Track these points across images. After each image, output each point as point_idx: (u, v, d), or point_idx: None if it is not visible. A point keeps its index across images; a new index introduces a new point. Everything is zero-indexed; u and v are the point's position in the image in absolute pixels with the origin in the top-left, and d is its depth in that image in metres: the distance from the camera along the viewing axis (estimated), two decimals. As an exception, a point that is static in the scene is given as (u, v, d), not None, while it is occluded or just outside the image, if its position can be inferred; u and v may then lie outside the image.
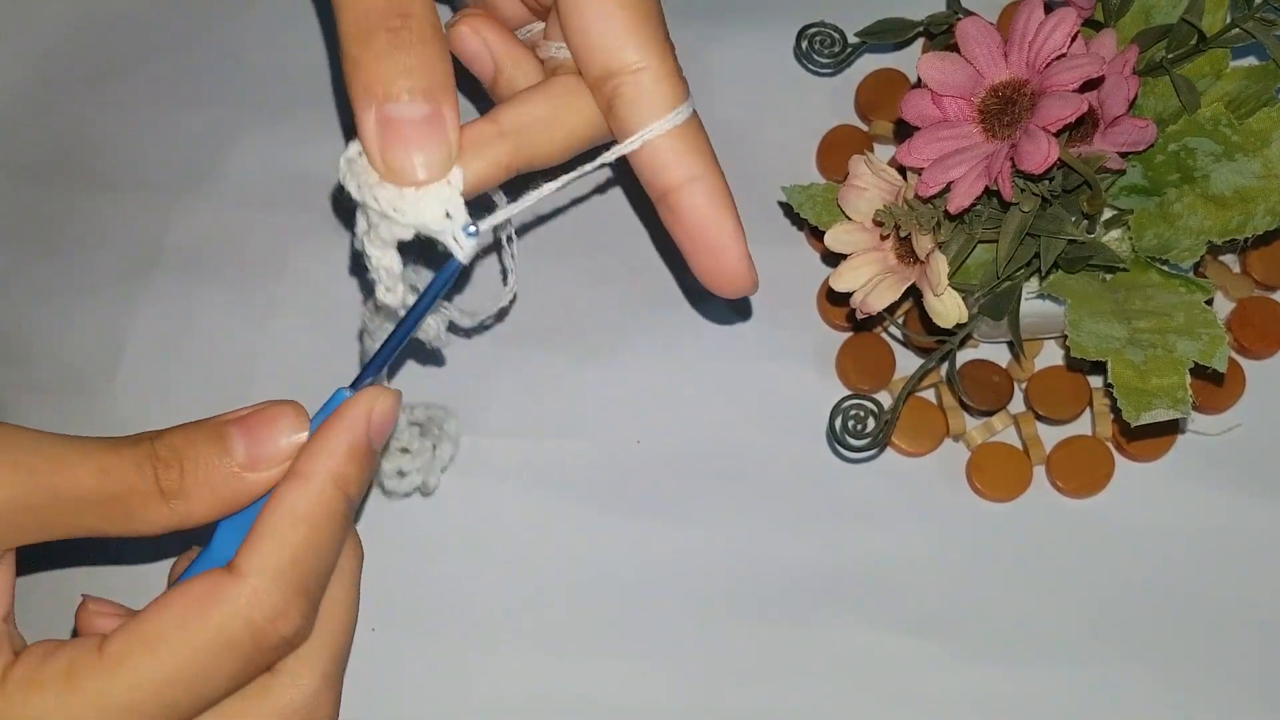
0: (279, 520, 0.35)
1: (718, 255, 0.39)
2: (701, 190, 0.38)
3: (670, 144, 0.38)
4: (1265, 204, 0.43)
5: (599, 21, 0.37)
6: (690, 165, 0.38)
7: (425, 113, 0.35)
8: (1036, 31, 0.41)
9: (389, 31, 0.34)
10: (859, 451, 0.47)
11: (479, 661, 0.48)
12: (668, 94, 0.38)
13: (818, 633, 0.47)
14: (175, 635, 0.34)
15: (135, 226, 0.54)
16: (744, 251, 0.39)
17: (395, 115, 0.35)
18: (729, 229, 0.39)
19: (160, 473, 0.35)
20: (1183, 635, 0.47)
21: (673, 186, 0.38)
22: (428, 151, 0.35)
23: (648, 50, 0.37)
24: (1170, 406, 0.41)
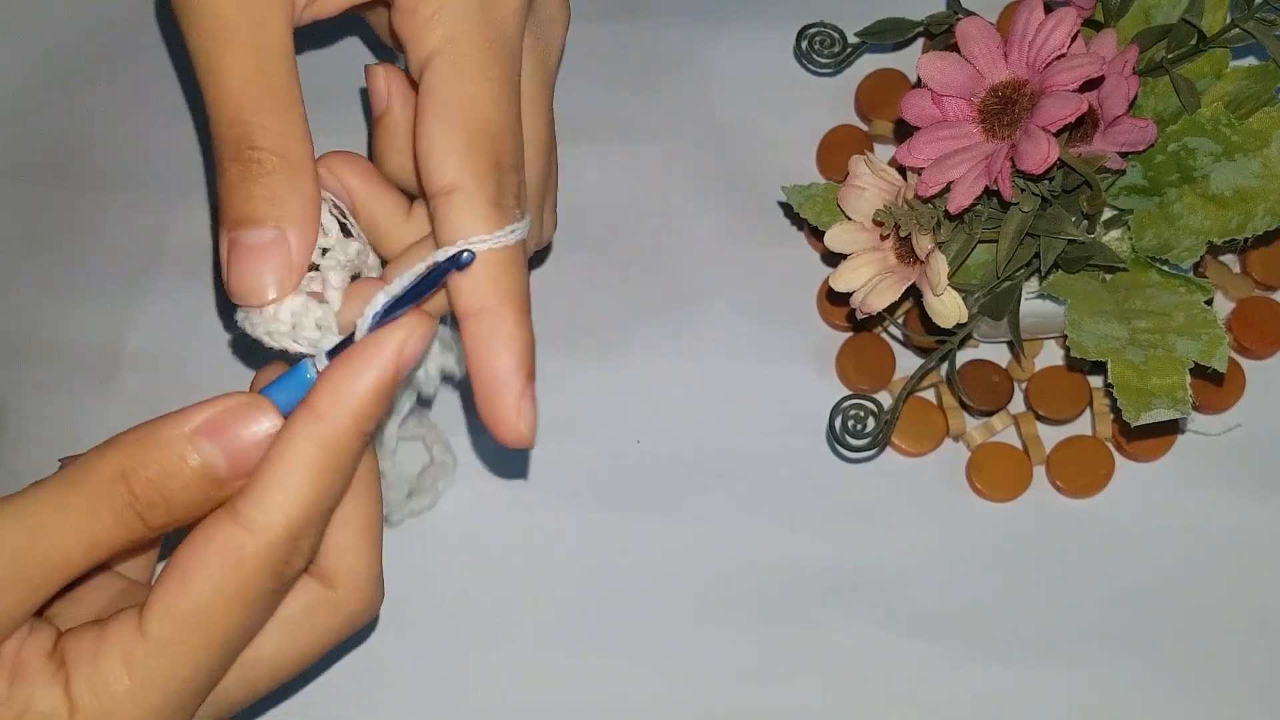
0: (290, 469, 0.34)
1: (489, 400, 0.37)
2: (483, 325, 0.37)
3: (470, 271, 0.37)
4: (1265, 204, 0.43)
5: (428, 138, 0.37)
6: (478, 296, 0.37)
7: (269, 239, 0.36)
8: (1036, 31, 0.41)
9: (238, 163, 0.36)
10: (859, 451, 0.47)
11: (479, 661, 0.48)
12: (470, 218, 0.36)
13: (818, 633, 0.47)
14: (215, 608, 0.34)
15: (135, 226, 0.54)
16: (515, 398, 0.37)
17: (240, 240, 0.36)
18: (501, 372, 0.37)
19: (147, 515, 0.35)
20: (1183, 635, 0.47)
21: (462, 313, 0.37)
22: (268, 273, 0.36)
23: (463, 173, 0.37)
24: (1170, 406, 0.41)
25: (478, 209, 0.37)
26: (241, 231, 0.36)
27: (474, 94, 0.37)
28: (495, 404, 0.37)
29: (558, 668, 0.47)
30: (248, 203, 0.36)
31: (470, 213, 0.37)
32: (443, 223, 0.37)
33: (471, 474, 0.50)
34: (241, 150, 0.36)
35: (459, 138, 0.37)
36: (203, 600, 0.34)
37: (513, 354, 0.37)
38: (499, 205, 0.37)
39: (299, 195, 0.36)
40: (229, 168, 0.36)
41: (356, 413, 0.34)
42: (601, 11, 0.55)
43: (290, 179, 0.36)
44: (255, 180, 0.36)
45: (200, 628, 0.34)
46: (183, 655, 0.34)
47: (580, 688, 0.47)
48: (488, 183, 0.37)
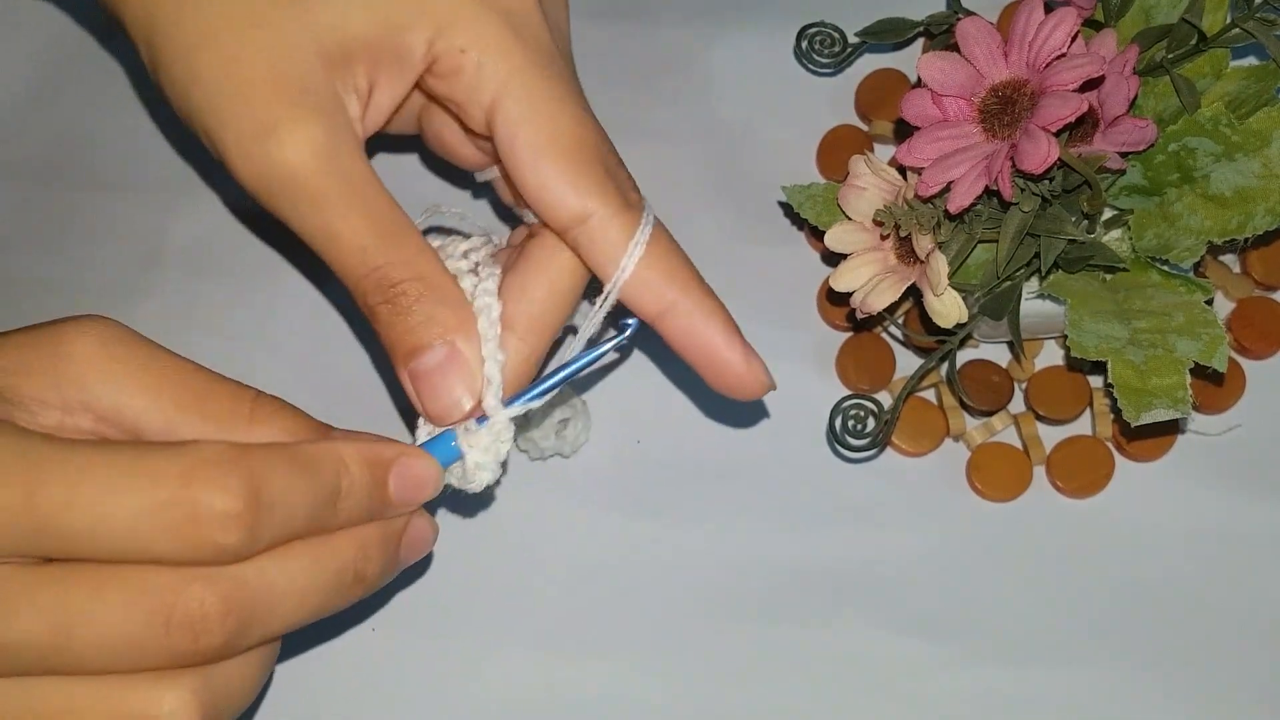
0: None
1: (718, 371, 0.39)
2: (680, 317, 0.39)
3: (638, 280, 0.38)
4: (1265, 204, 0.43)
5: (534, 181, 0.38)
6: (660, 296, 0.39)
7: (442, 356, 0.38)
8: (1037, 31, 0.41)
9: (387, 304, 0.38)
10: (859, 451, 0.47)
11: (479, 661, 0.48)
12: (616, 234, 0.38)
13: (817, 633, 0.47)
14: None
15: (135, 226, 0.54)
16: (742, 361, 0.39)
17: (419, 370, 0.38)
18: (720, 345, 0.39)
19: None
20: (1182, 635, 0.47)
21: (654, 315, 0.39)
22: (456, 388, 0.38)
23: (586, 195, 0.38)
24: (1170, 406, 0.41)
25: (619, 223, 0.38)
26: (417, 361, 0.38)
27: (554, 121, 0.38)
28: (729, 374, 0.39)
29: (558, 668, 0.47)
30: (411, 334, 0.38)
31: (615, 230, 0.38)
32: (593, 250, 0.38)
33: (471, 474, 0.50)
34: (384, 293, 0.38)
35: (564, 165, 0.37)
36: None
37: (718, 325, 0.39)
38: (629, 208, 0.38)
39: (449, 304, 0.38)
40: (380, 311, 0.38)
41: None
42: (601, 11, 0.55)
43: (436, 295, 0.38)
44: (408, 313, 0.38)
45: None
46: None
47: (580, 688, 0.47)
48: (611, 193, 0.38)
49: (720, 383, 0.39)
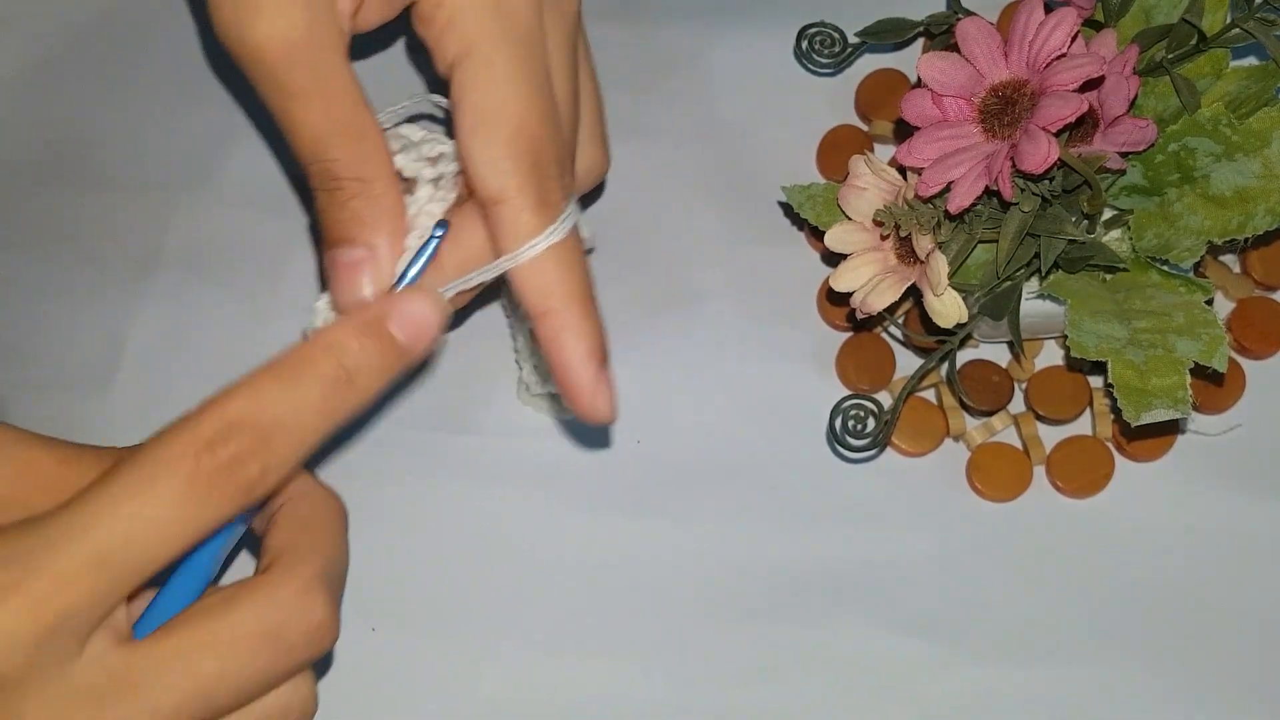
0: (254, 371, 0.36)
1: (566, 387, 0.40)
2: (552, 324, 0.39)
3: (526, 274, 0.39)
4: (1265, 204, 0.43)
5: (464, 148, 0.39)
6: (542, 298, 0.39)
7: (360, 255, 0.39)
8: (1037, 31, 0.41)
9: (325, 192, 0.39)
10: (859, 452, 0.47)
11: (478, 661, 0.48)
12: (520, 228, 0.38)
13: (817, 632, 0.47)
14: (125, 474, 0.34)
15: (135, 226, 0.54)
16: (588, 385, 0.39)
17: (337, 259, 0.39)
18: (575, 364, 0.39)
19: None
20: (1183, 635, 0.47)
21: (533, 315, 0.39)
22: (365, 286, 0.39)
23: (508, 181, 0.38)
24: (1170, 406, 0.41)
25: (524, 219, 0.38)
26: (337, 251, 0.39)
27: (500, 99, 0.38)
28: (575, 391, 0.40)
29: (558, 668, 0.47)
30: (338, 226, 0.39)
31: (519, 224, 0.38)
32: (496, 232, 0.39)
33: (471, 474, 0.50)
34: (325, 182, 0.39)
35: (494, 148, 0.38)
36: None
37: (582, 347, 0.39)
38: (543, 206, 0.39)
39: (380, 212, 0.39)
40: (318, 197, 0.39)
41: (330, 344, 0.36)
42: (601, 11, 0.55)
43: (369, 201, 0.39)
44: (341, 206, 0.39)
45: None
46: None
47: (580, 688, 0.47)
48: (529, 187, 0.38)
49: (568, 397, 0.40)
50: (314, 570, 0.36)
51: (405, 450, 0.50)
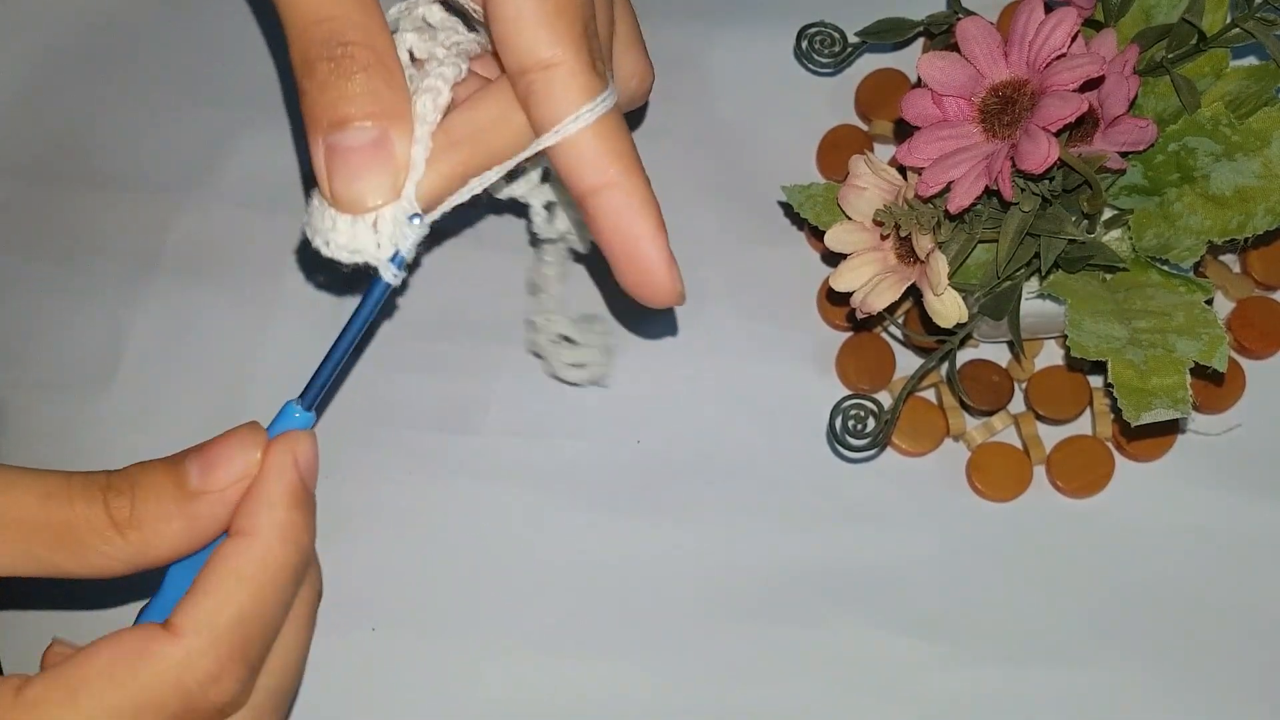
0: (222, 578, 0.34)
1: (635, 264, 0.37)
2: (615, 197, 0.36)
3: (582, 145, 0.36)
4: (1265, 204, 0.43)
5: (510, 13, 0.35)
6: (602, 170, 0.36)
7: (371, 138, 0.35)
8: (1037, 31, 0.41)
9: (329, 60, 0.34)
10: (859, 451, 0.47)
11: (478, 661, 0.48)
12: (576, 91, 0.35)
13: (817, 632, 0.47)
14: (98, 687, 0.33)
15: (135, 226, 0.54)
16: (662, 258, 0.37)
17: (340, 144, 0.35)
18: (645, 235, 0.36)
19: (110, 500, 0.34)
20: (1183, 635, 0.47)
21: (587, 191, 0.36)
22: (374, 177, 0.35)
23: (560, 45, 0.35)
24: (1170, 406, 0.41)
25: (582, 80, 0.35)
26: (342, 134, 0.35)
27: None
28: (647, 269, 0.37)
29: (557, 668, 0.47)
30: (346, 101, 0.34)
31: (577, 85, 0.35)
32: (548, 100, 0.35)
33: (471, 473, 0.50)
34: (333, 48, 0.34)
35: (543, 9, 0.35)
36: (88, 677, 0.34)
37: (651, 217, 0.37)
38: (597, 72, 0.36)
39: (395, 88, 0.35)
40: (320, 67, 0.34)
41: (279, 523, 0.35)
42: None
43: (385, 73, 0.35)
44: (350, 77, 0.34)
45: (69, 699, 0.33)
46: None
47: (580, 688, 0.47)
48: (584, 51, 0.35)
49: (634, 276, 0.37)
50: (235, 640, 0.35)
51: (405, 450, 0.50)
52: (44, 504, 0.34)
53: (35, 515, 0.34)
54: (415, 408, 0.51)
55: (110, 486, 0.35)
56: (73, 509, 0.34)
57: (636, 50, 0.41)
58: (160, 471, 0.35)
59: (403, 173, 0.35)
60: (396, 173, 0.35)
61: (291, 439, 0.36)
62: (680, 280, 0.37)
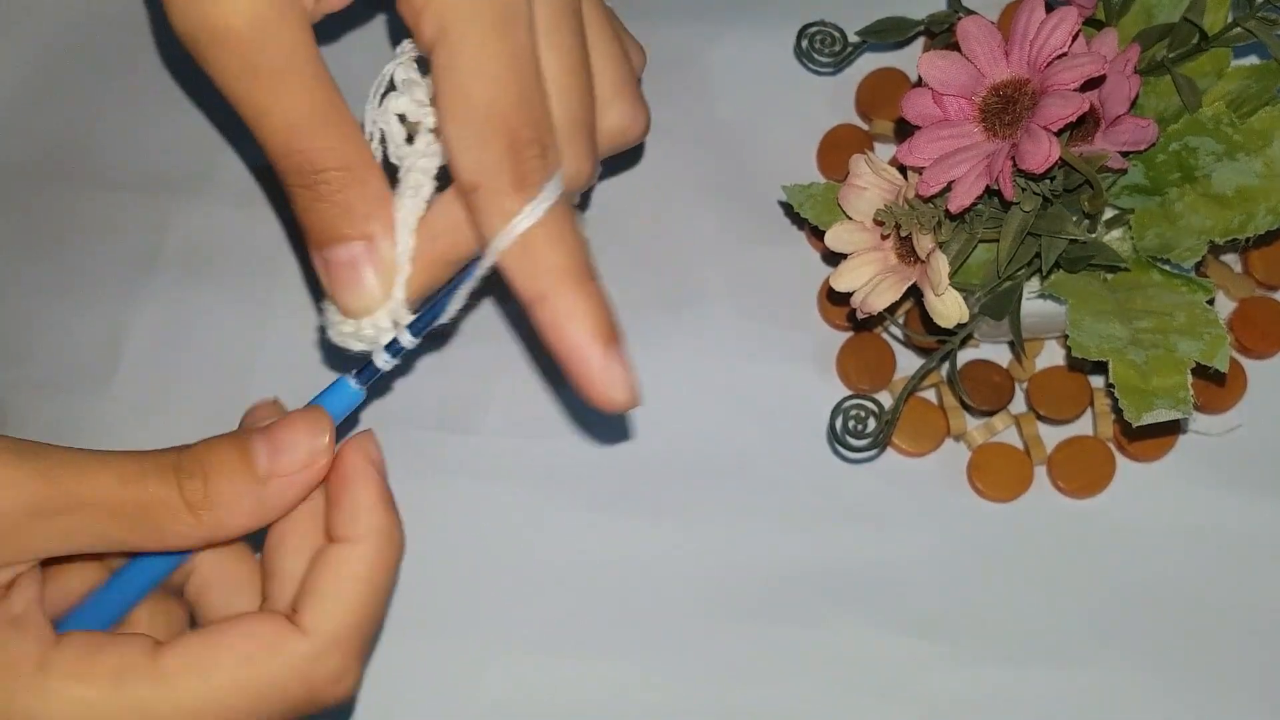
0: (342, 580, 0.36)
1: (576, 374, 0.37)
2: (546, 311, 0.37)
3: (511, 261, 0.37)
4: (1267, 203, 0.42)
5: (443, 132, 0.37)
6: (531, 284, 0.37)
7: (355, 254, 0.37)
8: (1038, 30, 0.41)
9: (306, 189, 0.37)
10: (859, 452, 0.47)
11: (479, 661, 0.48)
12: (495, 214, 0.36)
13: (817, 632, 0.47)
14: (232, 669, 0.35)
15: (135, 226, 0.54)
16: (601, 368, 0.37)
17: (331, 259, 0.37)
18: (582, 347, 0.37)
19: (184, 483, 0.35)
20: (1183, 635, 0.47)
21: (527, 302, 0.37)
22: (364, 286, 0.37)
23: (480, 166, 0.36)
24: (1172, 407, 0.41)
25: (501, 200, 0.36)
26: (331, 250, 0.37)
27: (474, 79, 0.36)
28: (583, 378, 0.37)
29: (558, 668, 0.47)
30: (327, 223, 0.37)
31: (495, 208, 0.36)
32: (476, 220, 0.37)
33: (471, 473, 0.50)
34: (307, 177, 0.37)
35: (468, 132, 0.36)
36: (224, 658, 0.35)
37: (583, 328, 0.37)
38: (521, 187, 0.36)
39: (372, 200, 0.37)
40: (298, 194, 0.37)
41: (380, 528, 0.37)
42: (602, 11, 0.55)
43: (361, 189, 0.37)
44: (328, 201, 0.37)
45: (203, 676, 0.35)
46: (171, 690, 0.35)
47: (580, 688, 0.47)
48: (504, 171, 0.36)
49: (577, 385, 0.37)
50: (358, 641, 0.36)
51: (405, 450, 0.50)
52: (121, 487, 0.35)
53: (112, 498, 0.35)
54: (415, 408, 0.51)
55: (182, 468, 0.36)
56: (147, 491, 0.35)
57: (624, 99, 0.41)
58: (230, 451, 0.36)
59: (391, 275, 0.38)
60: (386, 277, 0.37)
61: (363, 443, 0.38)
62: (628, 389, 0.37)
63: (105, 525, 0.35)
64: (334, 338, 0.39)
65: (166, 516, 0.35)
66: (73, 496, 0.35)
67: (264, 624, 0.36)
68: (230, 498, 0.35)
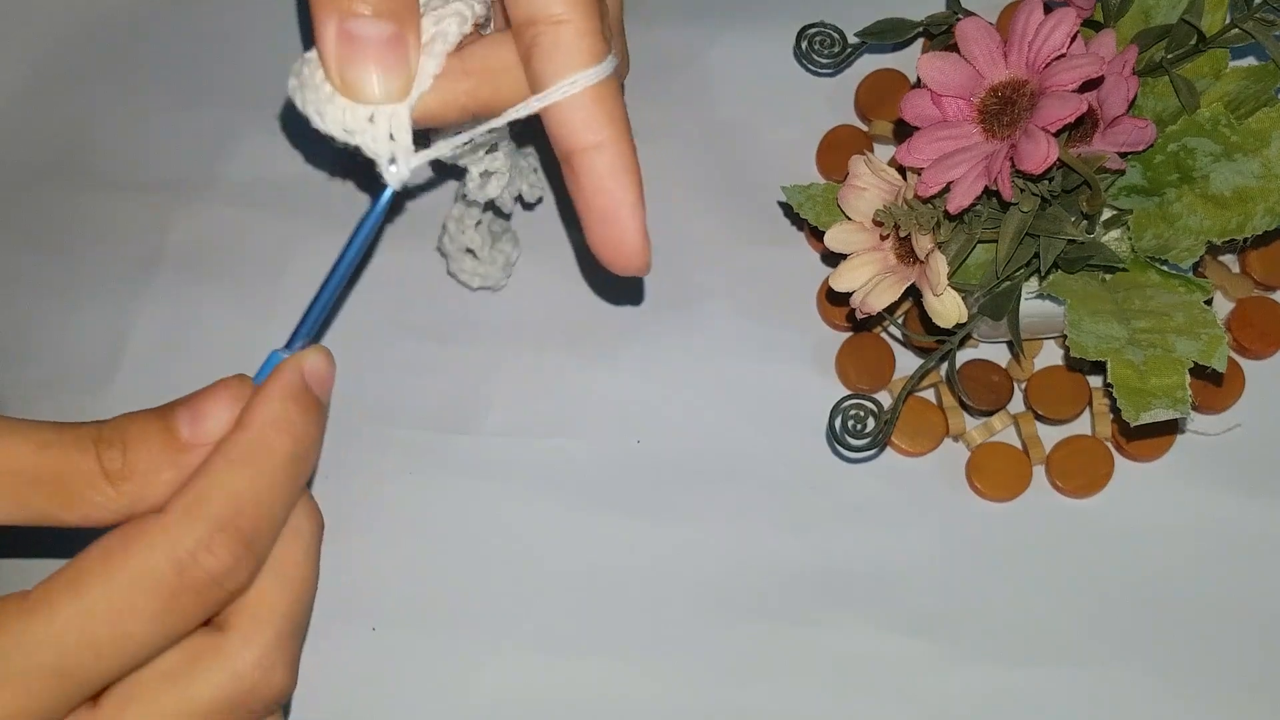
0: (212, 461, 0.35)
1: (611, 228, 0.37)
2: (605, 158, 0.36)
3: (580, 105, 0.36)
4: (1264, 204, 0.43)
5: None
6: (597, 130, 0.36)
7: (389, 33, 0.35)
8: (1036, 32, 0.41)
9: None
10: (859, 451, 0.47)
11: (478, 661, 0.48)
12: (584, 51, 0.36)
13: (817, 633, 0.47)
14: (96, 572, 0.33)
15: (135, 226, 0.54)
16: (639, 227, 0.37)
17: (357, 31, 0.34)
18: (628, 201, 0.37)
19: (103, 452, 0.35)
20: (1182, 635, 0.47)
21: (576, 149, 0.37)
22: (387, 72, 0.35)
23: (571, 3, 0.35)
24: (1170, 406, 0.41)
25: (589, 41, 0.36)
26: (358, 21, 0.34)
27: None
28: (622, 235, 0.37)
29: (557, 668, 0.47)
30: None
31: (585, 45, 0.36)
32: (551, 54, 0.36)
33: (471, 473, 0.50)
34: None
35: None
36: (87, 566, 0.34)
37: (635, 185, 0.37)
38: (603, 35, 0.36)
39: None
40: None
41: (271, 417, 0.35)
42: (601, 11, 0.55)
43: None
44: None
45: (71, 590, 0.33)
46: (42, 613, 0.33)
47: (579, 688, 0.47)
48: (594, 14, 0.36)
49: (607, 240, 0.37)
50: (276, 631, 0.35)
51: (405, 450, 0.50)
52: (39, 454, 0.34)
53: (31, 465, 0.34)
54: (415, 408, 0.51)
55: (101, 438, 0.35)
56: (67, 459, 0.34)
57: (619, 38, 0.42)
58: (150, 422, 0.35)
59: (413, 77, 0.35)
60: (407, 75, 0.35)
61: (302, 354, 0.36)
62: (649, 251, 0.38)
63: (21, 492, 0.34)
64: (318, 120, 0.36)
65: (84, 485, 0.34)
66: None
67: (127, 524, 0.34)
68: (149, 467, 0.35)
